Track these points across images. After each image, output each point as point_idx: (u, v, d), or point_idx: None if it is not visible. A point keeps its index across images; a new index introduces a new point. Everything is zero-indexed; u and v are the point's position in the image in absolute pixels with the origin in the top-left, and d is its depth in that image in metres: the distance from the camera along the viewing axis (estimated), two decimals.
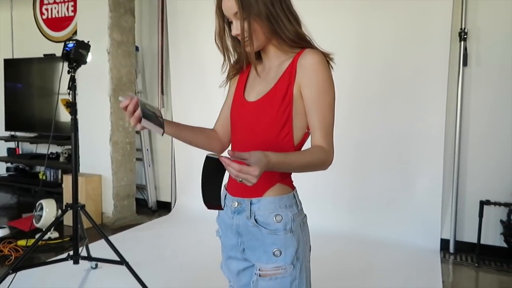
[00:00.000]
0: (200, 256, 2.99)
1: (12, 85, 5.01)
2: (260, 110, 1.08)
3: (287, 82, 1.05)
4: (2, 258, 2.93)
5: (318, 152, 1.02)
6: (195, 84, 4.06)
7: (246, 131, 1.12)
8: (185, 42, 4.07)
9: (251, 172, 0.84)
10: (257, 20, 1.02)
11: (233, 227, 1.13)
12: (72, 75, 2.28)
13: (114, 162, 3.91)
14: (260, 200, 1.08)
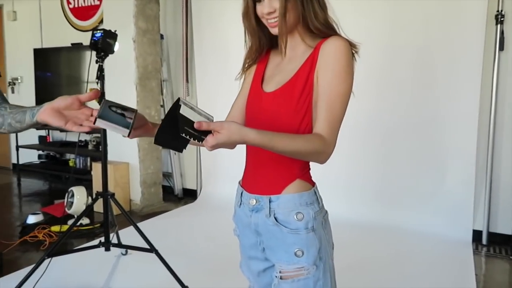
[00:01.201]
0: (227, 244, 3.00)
1: (42, 74, 5.12)
2: (279, 101, 1.03)
3: (308, 70, 1.00)
4: (37, 243, 3.04)
5: (314, 140, 0.94)
6: (219, 71, 4.04)
7: (263, 124, 1.04)
8: (209, 29, 4.05)
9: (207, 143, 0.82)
10: (291, 1, 0.98)
11: (252, 226, 1.08)
12: (100, 64, 2.29)
13: (141, 150, 3.96)
14: (279, 198, 1.03)
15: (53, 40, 5.20)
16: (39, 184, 5.10)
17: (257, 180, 1.08)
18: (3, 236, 3.16)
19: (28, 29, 5.45)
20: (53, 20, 5.24)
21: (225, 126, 0.83)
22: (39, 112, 0.97)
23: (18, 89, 5.67)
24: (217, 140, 0.83)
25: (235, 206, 1.16)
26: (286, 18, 0.99)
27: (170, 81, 4.47)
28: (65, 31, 5.12)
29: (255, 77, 1.14)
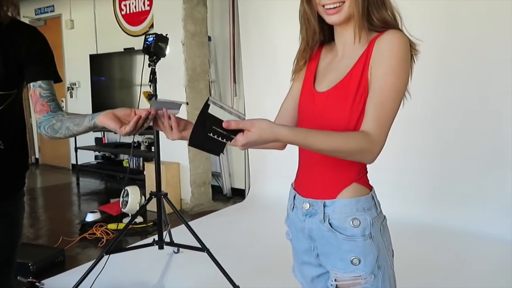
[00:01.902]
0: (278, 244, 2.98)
1: (97, 78, 5.38)
2: (333, 101, 0.98)
3: (362, 67, 0.94)
4: (95, 240, 3.19)
5: (357, 138, 0.89)
6: (266, 71, 4.04)
7: (316, 126, 1.00)
8: (256, 29, 4.06)
9: (238, 142, 0.82)
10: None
11: (305, 231, 1.04)
12: (152, 68, 2.36)
13: (191, 150, 4.04)
14: (335, 202, 0.98)
15: (107, 46, 5.44)
16: (96, 183, 5.36)
17: (311, 183, 1.05)
18: (64, 233, 3.34)
19: (84, 36, 5.74)
20: (107, 27, 5.48)
21: (256, 124, 0.82)
22: (100, 115, 1.09)
23: (75, 94, 5.99)
24: (247, 139, 0.82)
25: (288, 209, 1.13)
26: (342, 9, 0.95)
27: (218, 82, 4.53)
28: (118, 36, 5.34)
29: (307, 76, 1.10)
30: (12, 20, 1.16)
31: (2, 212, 1.22)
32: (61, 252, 2.74)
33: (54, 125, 1.18)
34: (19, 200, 1.29)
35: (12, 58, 1.15)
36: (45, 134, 1.22)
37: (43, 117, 1.21)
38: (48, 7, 6.05)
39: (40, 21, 6.19)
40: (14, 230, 1.28)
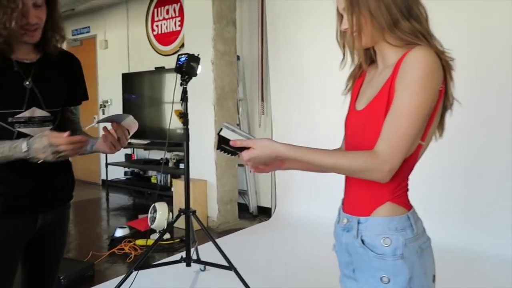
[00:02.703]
0: (305, 264, 2.95)
1: (128, 96, 5.53)
2: (366, 120, 0.99)
3: (388, 87, 0.94)
4: (124, 255, 3.22)
5: (360, 156, 0.91)
6: (294, 89, 4.06)
7: (355, 145, 1.02)
8: (284, 48, 4.10)
9: (242, 157, 0.95)
10: (365, 14, 0.95)
11: (343, 245, 1.07)
12: (184, 87, 2.41)
13: (218, 168, 4.07)
14: (368, 220, 0.99)
15: (139, 65, 5.61)
16: (124, 199, 5.45)
17: (349, 199, 1.07)
18: (94, 247, 3.40)
19: (117, 56, 5.94)
20: (139, 46, 5.66)
21: (258, 142, 0.95)
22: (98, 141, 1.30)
23: (107, 111, 6.17)
24: (250, 155, 0.95)
25: (335, 222, 1.15)
26: (362, 34, 0.98)
27: (246, 100, 4.57)
28: (149, 56, 5.50)
29: (352, 94, 1.12)
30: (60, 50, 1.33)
31: (64, 216, 1.39)
32: (91, 267, 2.78)
33: None
34: (68, 210, 1.43)
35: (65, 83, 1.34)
36: None
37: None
38: (84, 28, 6.32)
39: (76, 41, 6.46)
40: (66, 235, 1.44)
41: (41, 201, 1.29)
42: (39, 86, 1.25)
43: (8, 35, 1.13)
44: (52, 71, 1.30)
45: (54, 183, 1.32)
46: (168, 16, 5.30)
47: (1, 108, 1.18)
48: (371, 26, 0.97)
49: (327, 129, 3.82)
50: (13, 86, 1.20)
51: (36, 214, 1.28)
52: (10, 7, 1.10)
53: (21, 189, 1.23)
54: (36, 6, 1.17)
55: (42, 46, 1.27)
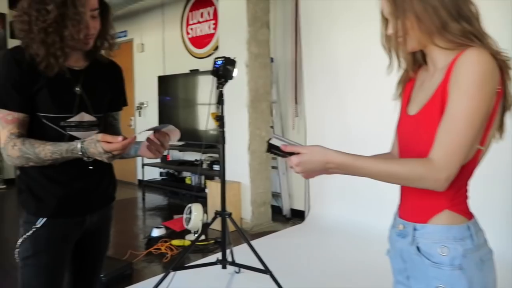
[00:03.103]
0: (340, 269, 2.92)
1: (163, 98, 5.65)
2: (419, 125, 0.96)
3: (441, 92, 0.91)
4: (160, 255, 3.29)
5: (415, 165, 0.89)
6: (328, 91, 4.01)
7: (408, 151, 1.00)
8: (318, 49, 4.06)
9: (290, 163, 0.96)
10: (411, 18, 0.92)
11: (397, 251, 1.05)
12: (220, 90, 2.43)
13: (252, 170, 4.08)
14: (425, 227, 0.97)
15: (173, 67, 5.72)
16: (159, 199, 5.56)
17: (406, 205, 1.05)
18: (131, 246, 3.49)
19: (153, 59, 6.08)
20: (174, 49, 5.77)
21: (308, 147, 0.96)
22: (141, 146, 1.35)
23: (144, 113, 6.32)
24: (300, 159, 0.95)
25: (390, 227, 1.13)
26: (408, 39, 0.95)
27: (279, 102, 4.57)
28: (184, 59, 5.60)
29: (403, 98, 1.09)
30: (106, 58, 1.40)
31: (108, 217, 1.46)
32: (129, 266, 2.86)
33: None
34: (112, 210, 1.48)
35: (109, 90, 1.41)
36: None
37: None
38: (122, 32, 6.50)
39: None
40: (109, 235, 1.49)
41: (89, 202, 1.34)
42: (87, 92, 1.30)
43: (73, 46, 1.20)
44: (98, 78, 1.36)
45: (100, 185, 1.37)
46: (203, 19, 5.37)
47: (54, 112, 1.24)
48: (418, 30, 0.94)
49: (362, 131, 3.77)
50: (65, 92, 1.26)
51: (84, 214, 1.33)
52: (76, 20, 1.16)
53: (72, 190, 1.29)
54: (93, 17, 1.24)
55: (92, 54, 1.33)
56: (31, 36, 1.17)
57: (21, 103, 1.20)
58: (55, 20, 1.14)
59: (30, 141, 1.19)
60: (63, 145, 1.19)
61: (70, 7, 1.14)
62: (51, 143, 1.19)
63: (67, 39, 1.17)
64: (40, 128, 1.24)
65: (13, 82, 1.18)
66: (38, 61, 1.18)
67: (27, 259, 1.23)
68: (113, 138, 1.15)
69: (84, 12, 1.17)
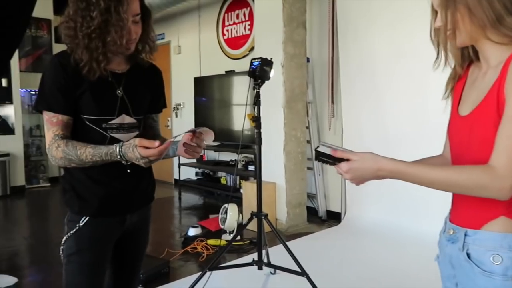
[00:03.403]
0: (374, 273, 2.84)
1: (199, 99, 5.72)
2: (473, 126, 0.90)
3: (497, 91, 0.86)
4: (196, 254, 3.33)
5: (474, 172, 0.84)
6: (365, 91, 3.93)
7: (462, 155, 0.95)
8: (355, 49, 3.99)
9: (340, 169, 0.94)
10: (462, 10, 0.87)
11: (446, 256, 1.01)
12: (257, 91, 2.42)
13: (287, 171, 4.06)
14: (477, 233, 0.92)
15: (209, 68, 5.78)
16: (195, 198, 5.64)
17: (458, 209, 1.01)
18: (169, 245, 3.55)
19: (189, 60, 6.17)
20: (210, 51, 5.84)
21: (359, 154, 0.93)
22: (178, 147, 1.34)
23: (180, 113, 6.44)
24: (350, 165, 0.93)
25: (440, 231, 1.09)
26: (457, 32, 0.90)
27: (315, 102, 4.52)
28: (220, 60, 5.65)
29: (453, 98, 1.03)
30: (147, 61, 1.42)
31: (147, 217, 1.48)
32: (166, 264, 2.90)
33: None
34: (150, 210, 1.51)
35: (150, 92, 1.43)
36: None
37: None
38: (159, 35, 6.65)
39: None
40: (148, 234, 1.52)
41: (129, 202, 1.37)
42: (128, 95, 1.33)
43: (115, 51, 1.24)
44: (139, 81, 1.38)
45: (140, 185, 1.39)
46: (238, 21, 5.40)
47: (97, 114, 1.28)
48: (469, 23, 0.88)
49: (400, 131, 3.67)
50: (107, 95, 1.30)
51: (125, 214, 1.36)
52: (119, 26, 1.19)
53: (113, 190, 1.32)
54: (135, 22, 1.26)
55: (133, 57, 1.36)
56: (76, 41, 1.21)
57: (66, 106, 1.24)
58: (99, 26, 1.17)
59: (73, 143, 1.22)
60: (103, 148, 1.21)
61: (113, 13, 1.17)
62: (92, 146, 1.22)
63: (110, 44, 1.20)
64: (83, 129, 1.28)
65: (58, 85, 1.23)
66: (82, 65, 1.21)
67: (70, 256, 1.27)
68: (150, 143, 1.15)
69: (126, 18, 1.20)
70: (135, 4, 1.24)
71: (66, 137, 1.25)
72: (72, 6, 1.20)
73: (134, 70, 1.37)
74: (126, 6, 1.19)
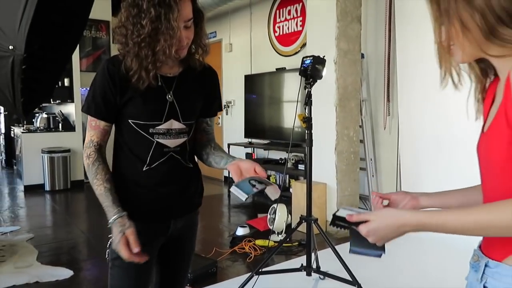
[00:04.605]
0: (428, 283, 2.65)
1: (249, 96, 5.69)
2: (490, 144, 0.82)
3: (504, 108, 0.78)
4: (244, 254, 3.29)
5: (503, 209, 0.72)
6: (424, 89, 3.68)
7: (485, 175, 0.86)
8: (414, 46, 3.74)
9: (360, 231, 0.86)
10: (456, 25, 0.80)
11: (468, 283, 0.91)
12: (308, 90, 2.32)
13: (339, 171, 3.91)
14: (498, 266, 0.80)
15: (260, 66, 5.74)
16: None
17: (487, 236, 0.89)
18: (217, 244, 3.55)
19: (240, 58, 6.16)
20: (261, 48, 5.79)
21: (377, 213, 0.87)
22: (230, 163, 1.32)
23: (231, 111, 6.45)
24: (368, 227, 0.86)
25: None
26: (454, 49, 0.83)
27: (370, 100, 4.32)
28: (271, 57, 5.58)
29: (484, 115, 0.92)
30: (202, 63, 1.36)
31: (193, 223, 1.45)
32: (214, 264, 2.89)
33: (203, 156, 1.43)
34: (197, 216, 1.48)
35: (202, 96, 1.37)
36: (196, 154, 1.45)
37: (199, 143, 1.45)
38: (211, 33, 6.70)
39: None
40: (195, 240, 1.50)
41: (174, 208, 1.33)
42: (178, 100, 1.29)
43: (165, 60, 1.19)
44: (191, 85, 1.33)
45: (186, 191, 1.36)
46: (290, 17, 5.30)
47: (144, 120, 1.25)
48: (464, 39, 0.81)
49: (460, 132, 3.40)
50: (156, 99, 1.25)
51: (169, 220, 1.33)
52: (169, 34, 1.14)
53: (159, 195, 1.29)
54: (186, 27, 1.21)
55: (186, 60, 1.30)
56: (127, 49, 1.18)
57: (105, 113, 1.24)
58: (149, 34, 1.13)
59: (98, 168, 1.22)
60: (106, 201, 1.19)
61: (163, 21, 1.12)
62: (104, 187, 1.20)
63: (159, 53, 1.16)
64: (129, 132, 1.26)
65: (103, 93, 1.22)
66: (131, 74, 1.19)
67: (115, 260, 1.26)
68: (133, 244, 1.12)
69: (177, 26, 1.15)
70: (187, 9, 1.18)
71: (101, 146, 1.26)
72: (125, 11, 1.17)
73: (187, 73, 1.32)
74: (177, 13, 1.14)
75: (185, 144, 1.33)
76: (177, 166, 1.32)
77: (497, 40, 0.78)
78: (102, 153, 1.26)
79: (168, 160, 1.29)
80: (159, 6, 1.12)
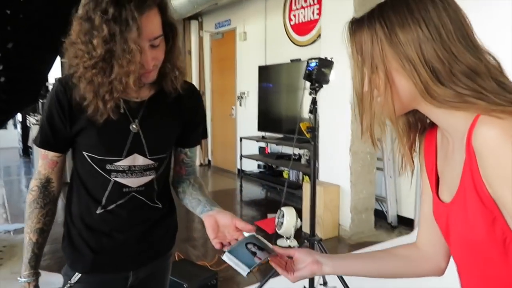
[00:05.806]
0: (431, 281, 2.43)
1: (265, 85, 5.46)
2: (459, 220, 0.72)
3: (471, 179, 0.67)
4: None
5: None
6: None
7: (454, 250, 0.79)
8: None
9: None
10: (381, 76, 0.71)
11: None
12: (313, 97, 2.10)
13: (353, 173, 3.68)
14: None
15: (275, 56, 5.48)
16: (257, 191, 5.47)
17: None
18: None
19: (255, 47, 5.91)
20: (276, 37, 5.52)
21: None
22: (206, 214, 1.06)
23: (244, 102, 6.24)
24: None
25: None
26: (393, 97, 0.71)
27: None
28: (286, 47, 5.31)
29: (427, 170, 0.83)
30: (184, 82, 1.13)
31: (161, 270, 1.23)
32: (213, 276, 2.75)
33: (179, 193, 1.22)
34: (168, 260, 1.26)
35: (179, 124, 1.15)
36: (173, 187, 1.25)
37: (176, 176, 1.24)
38: (226, 21, 6.45)
39: (218, 34, 6.66)
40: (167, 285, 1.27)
41: (134, 257, 1.14)
42: (145, 130, 1.07)
43: (124, 90, 0.96)
44: (164, 110, 1.10)
45: (150, 236, 1.16)
46: (306, 4, 5.00)
47: (99, 154, 1.04)
48: (392, 91, 0.71)
49: None
50: (116, 130, 1.04)
51: (127, 271, 1.14)
52: (125, 58, 0.90)
53: (115, 243, 1.11)
54: (153, 46, 0.97)
55: (159, 82, 1.07)
56: (78, 73, 0.96)
57: (52, 142, 1.06)
58: (102, 58, 0.91)
59: (32, 213, 1.08)
60: (26, 255, 1.07)
61: (118, 42, 0.89)
62: (30, 238, 1.07)
63: (114, 83, 0.93)
64: (83, 165, 1.07)
65: (51, 119, 1.03)
66: (85, 104, 0.97)
67: None
68: None
69: (137, 47, 0.90)
70: (152, 24, 0.94)
71: (49, 180, 1.08)
72: (76, 25, 0.93)
73: (159, 97, 1.08)
74: (136, 32, 0.89)
75: (152, 182, 1.11)
76: (141, 207, 1.11)
77: (431, 99, 0.67)
78: (48, 190, 1.08)
79: (129, 202, 1.09)
80: (114, 23, 0.88)
